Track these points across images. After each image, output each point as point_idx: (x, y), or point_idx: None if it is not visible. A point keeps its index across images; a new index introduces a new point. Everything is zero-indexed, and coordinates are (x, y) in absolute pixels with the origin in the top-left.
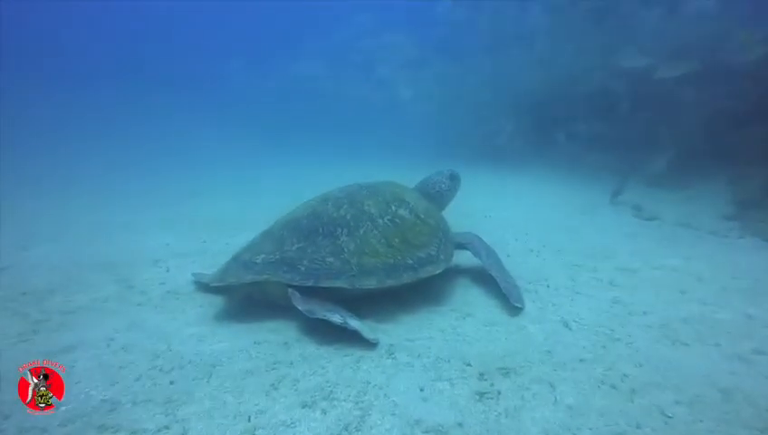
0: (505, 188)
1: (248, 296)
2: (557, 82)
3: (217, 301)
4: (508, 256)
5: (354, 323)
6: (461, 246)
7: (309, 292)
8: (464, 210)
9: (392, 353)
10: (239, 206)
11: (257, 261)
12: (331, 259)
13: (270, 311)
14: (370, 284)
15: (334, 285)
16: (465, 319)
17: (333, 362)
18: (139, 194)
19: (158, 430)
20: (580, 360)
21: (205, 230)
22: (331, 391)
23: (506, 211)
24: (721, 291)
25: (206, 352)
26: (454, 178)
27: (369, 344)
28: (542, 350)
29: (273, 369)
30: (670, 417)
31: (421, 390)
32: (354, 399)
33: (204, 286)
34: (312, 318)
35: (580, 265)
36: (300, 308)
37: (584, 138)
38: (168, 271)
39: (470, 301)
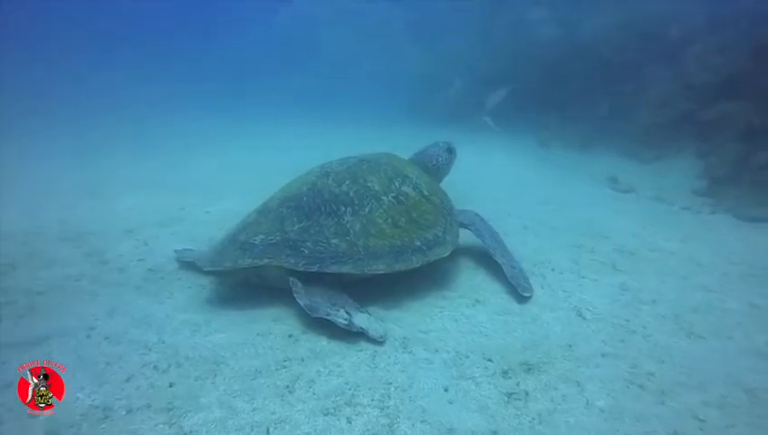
0: (484, 159)
1: (243, 280)
2: (527, 52)
3: (206, 282)
4: (506, 234)
5: (360, 322)
6: (462, 226)
7: (311, 277)
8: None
9: (407, 347)
10: (219, 166)
11: (255, 242)
12: (335, 241)
13: (268, 295)
14: (379, 268)
15: (341, 270)
16: (475, 306)
17: (348, 359)
18: (105, 149)
19: None
20: (602, 355)
21: (181, 195)
22: (353, 395)
23: (489, 186)
24: (722, 277)
25: (205, 345)
26: (451, 151)
27: (378, 341)
28: (561, 343)
29: (284, 367)
30: (703, 421)
31: (446, 390)
32: (379, 404)
33: (189, 265)
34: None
35: (579, 245)
36: (301, 304)
37: (552, 110)
38: (146, 244)
39: (478, 285)
